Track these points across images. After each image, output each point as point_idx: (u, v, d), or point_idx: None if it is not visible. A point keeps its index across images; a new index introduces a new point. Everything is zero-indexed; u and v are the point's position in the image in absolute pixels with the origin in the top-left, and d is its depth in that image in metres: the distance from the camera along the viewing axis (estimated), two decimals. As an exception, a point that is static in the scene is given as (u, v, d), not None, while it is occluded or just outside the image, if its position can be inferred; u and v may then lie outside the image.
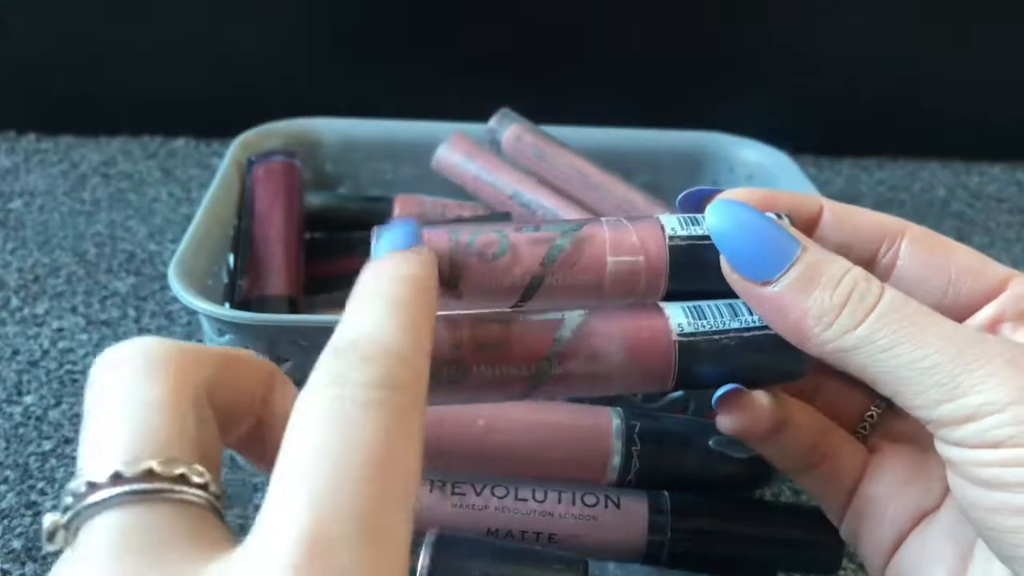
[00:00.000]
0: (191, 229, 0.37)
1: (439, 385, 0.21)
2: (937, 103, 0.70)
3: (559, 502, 0.28)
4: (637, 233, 0.22)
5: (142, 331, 0.46)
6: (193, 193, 0.61)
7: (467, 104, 0.48)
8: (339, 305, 0.49)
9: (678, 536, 0.28)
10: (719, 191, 0.24)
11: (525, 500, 0.28)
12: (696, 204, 0.24)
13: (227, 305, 0.40)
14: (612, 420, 0.30)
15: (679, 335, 0.22)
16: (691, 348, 0.22)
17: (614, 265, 0.22)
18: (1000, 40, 0.67)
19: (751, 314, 0.22)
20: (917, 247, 0.23)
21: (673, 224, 0.23)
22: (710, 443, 0.30)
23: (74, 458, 0.38)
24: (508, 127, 0.47)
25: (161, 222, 0.57)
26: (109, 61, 0.65)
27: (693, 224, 0.23)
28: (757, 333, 0.22)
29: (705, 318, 0.23)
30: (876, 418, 0.25)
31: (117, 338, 0.46)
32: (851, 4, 0.66)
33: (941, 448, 0.20)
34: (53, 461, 0.38)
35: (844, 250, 0.22)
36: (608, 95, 0.65)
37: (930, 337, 0.19)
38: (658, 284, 0.22)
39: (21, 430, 0.40)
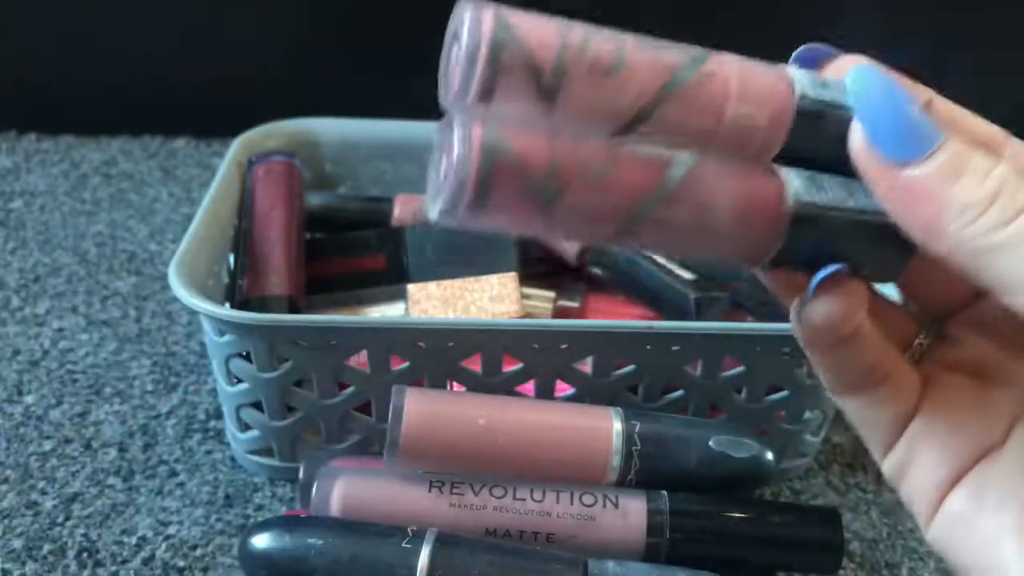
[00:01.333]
0: (191, 229, 0.37)
1: (524, 202, 0.19)
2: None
3: (557, 502, 0.28)
4: (766, 83, 0.20)
5: (142, 331, 0.47)
6: (193, 193, 0.61)
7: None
8: (339, 305, 0.48)
9: (677, 536, 0.28)
10: (838, 53, 0.21)
11: (523, 500, 0.28)
12: (811, 65, 0.22)
13: (227, 305, 0.40)
14: (612, 420, 0.30)
15: (796, 203, 0.20)
16: (804, 219, 0.20)
17: (735, 114, 0.20)
18: (1000, 40, 0.67)
19: (867, 197, 0.20)
20: (1016, 161, 0.21)
21: (804, 82, 0.20)
22: (710, 443, 0.30)
23: (74, 458, 0.38)
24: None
25: (161, 222, 0.57)
26: (110, 61, 0.65)
27: (824, 87, 0.20)
28: (872, 219, 0.20)
29: (824, 191, 0.20)
30: (924, 347, 0.24)
31: (118, 338, 0.46)
32: (851, 4, 0.66)
33: None
34: (53, 461, 0.38)
35: None
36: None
37: None
38: (774, 143, 0.20)
39: (21, 430, 0.40)
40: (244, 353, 0.34)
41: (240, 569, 0.28)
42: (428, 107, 0.57)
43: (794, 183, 0.20)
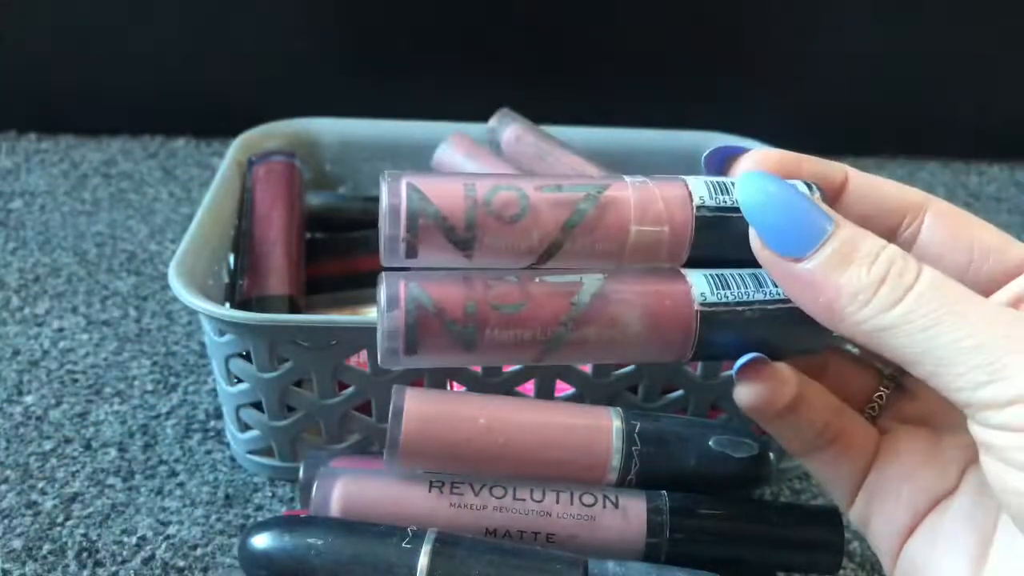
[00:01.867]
0: (191, 229, 0.37)
1: (450, 346, 0.21)
2: (937, 103, 0.70)
3: (557, 502, 0.28)
4: (663, 200, 0.21)
5: (142, 331, 0.47)
6: (193, 193, 0.61)
7: (467, 104, 0.48)
8: (339, 305, 0.48)
9: (677, 536, 0.28)
10: (744, 150, 0.23)
11: (523, 500, 0.28)
12: (720, 164, 0.23)
13: (227, 305, 0.40)
14: (612, 420, 0.30)
15: (701, 305, 0.21)
16: (713, 318, 0.21)
17: (637, 234, 0.21)
18: (1000, 40, 0.67)
19: (775, 285, 0.22)
20: (940, 222, 0.22)
21: (701, 191, 0.22)
22: (710, 443, 0.30)
23: (74, 458, 0.38)
24: (508, 127, 0.47)
25: (161, 222, 0.57)
26: (109, 61, 0.65)
27: (722, 192, 0.22)
28: (781, 306, 0.21)
29: (729, 288, 0.22)
30: (885, 400, 0.25)
31: (117, 338, 0.46)
32: (851, 4, 0.66)
33: (979, 432, 0.19)
34: (53, 461, 0.38)
35: (865, 222, 0.21)
36: (608, 95, 0.65)
37: (972, 317, 0.18)
38: (680, 252, 0.22)
39: (21, 430, 0.40)
40: (244, 353, 0.34)
41: (240, 569, 0.28)
42: (428, 107, 0.58)
43: (700, 285, 0.22)
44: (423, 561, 0.25)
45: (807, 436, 0.24)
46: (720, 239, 0.21)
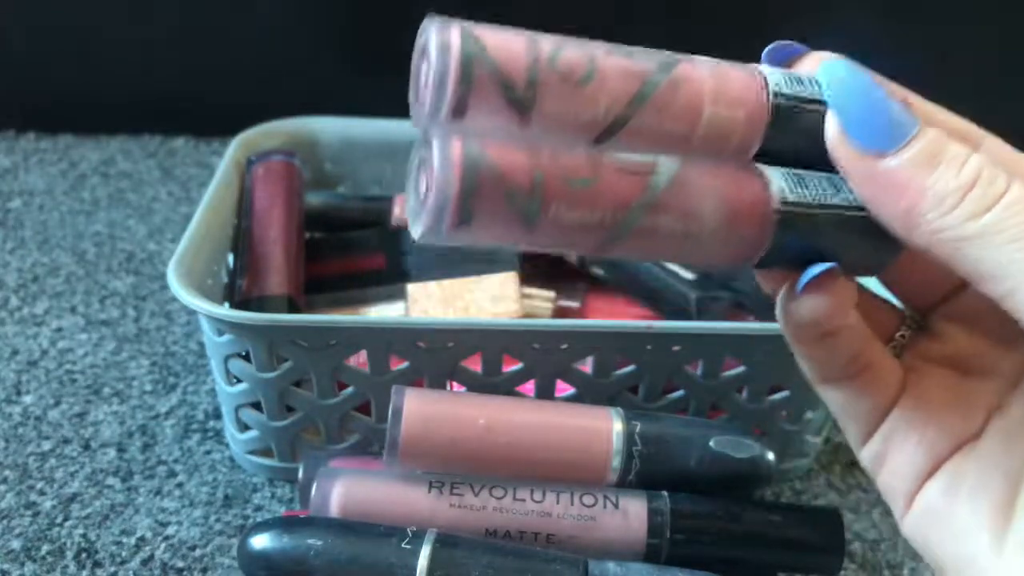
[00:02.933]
0: (190, 229, 0.37)
1: (507, 220, 0.18)
2: (938, 102, 0.70)
3: (557, 502, 0.28)
4: (739, 83, 0.20)
5: (141, 331, 0.46)
6: (193, 193, 0.61)
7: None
8: (339, 305, 0.48)
9: (677, 537, 0.28)
10: (808, 50, 0.21)
11: (523, 500, 0.28)
12: (782, 61, 0.22)
13: (227, 305, 0.40)
14: (612, 421, 0.30)
15: (782, 203, 0.20)
16: (791, 219, 0.20)
17: (711, 116, 0.19)
18: (999, 40, 0.67)
19: (851, 192, 0.20)
20: (994, 157, 0.21)
21: (777, 79, 0.20)
22: (710, 443, 0.30)
23: (73, 458, 0.38)
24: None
25: (160, 222, 0.57)
26: (109, 61, 0.65)
27: (797, 83, 0.20)
28: (858, 214, 0.20)
29: (807, 188, 0.20)
30: (906, 339, 0.24)
31: (116, 338, 0.46)
32: (850, 4, 0.66)
33: None
34: (52, 461, 0.38)
35: None
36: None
37: None
38: (751, 143, 0.20)
39: (20, 430, 0.40)
40: (243, 353, 0.34)
41: (239, 570, 0.27)
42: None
43: (779, 182, 0.20)
44: (423, 562, 0.25)
45: (839, 363, 0.23)
46: (792, 133, 0.20)
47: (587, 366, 0.34)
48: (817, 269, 0.21)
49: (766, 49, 0.21)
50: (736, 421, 0.36)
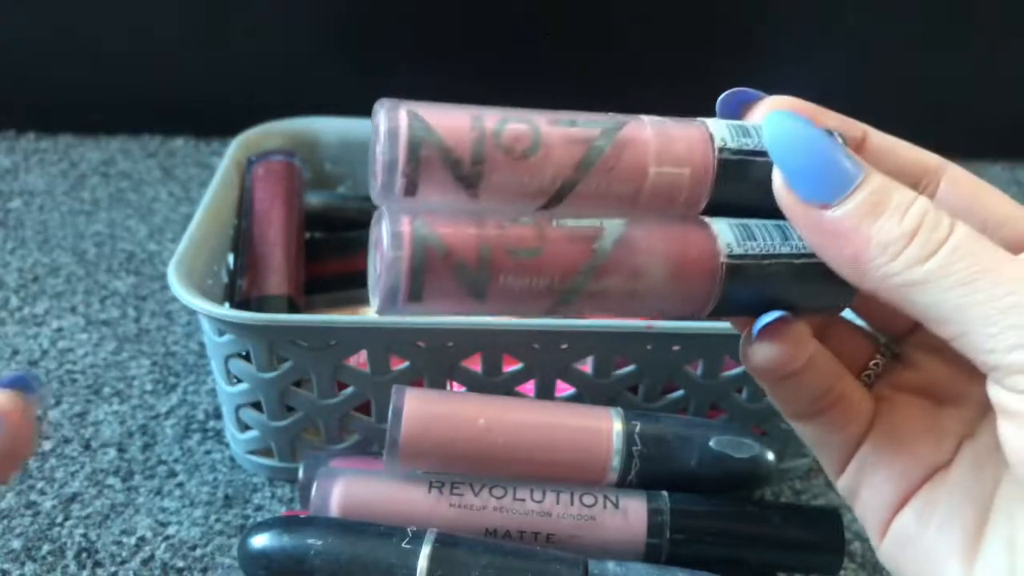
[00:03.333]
0: (191, 229, 0.37)
1: (457, 293, 0.19)
2: (937, 103, 0.70)
3: (557, 502, 0.28)
4: (684, 140, 0.20)
5: (141, 331, 0.46)
6: (193, 193, 0.61)
7: (466, 104, 0.48)
8: (339, 305, 0.48)
9: (677, 537, 0.28)
10: (762, 96, 0.22)
11: (523, 500, 0.28)
12: (735, 109, 0.22)
13: (227, 305, 0.40)
14: (613, 421, 0.30)
15: (728, 256, 0.20)
16: (738, 271, 0.20)
17: (656, 176, 0.20)
18: (999, 40, 0.67)
19: (801, 239, 0.20)
20: (955, 188, 0.21)
21: (723, 133, 0.20)
22: (710, 443, 0.30)
23: (73, 458, 0.38)
24: (508, 127, 0.47)
25: (161, 222, 0.57)
26: (109, 61, 0.65)
27: (743, 135, 0.20)
28: (807, 261, 0.20)
29: (755, 239, 0.20)
30: (880, 368, 0.24)
31: (116, 338, 0.46)
32: (851, 4, 0.66)
33: (1003, 397, 0.18)
34: (53, 461, 0.38)
35: None
36: (607, 94, 0.65)
37: (1008, 274, 0.17)
38: (700, 198, 0.20)
39: (20, 430, 0.40)
40: (243, 353, 0.34)
41: (239, 569, 0.27)
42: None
43: (726, 236, 0.20)
44: (423, 561, 0.25)
45: (807, 399, 0.23)
46: (740, 186, 0.20)
47: (587, 366, 0.34)
48: (768, 318, 0.21)
49: (719, 98, 0.22)
50: (736, 421, 0.36)
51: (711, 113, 0.22)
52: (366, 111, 0.58)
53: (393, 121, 0.19)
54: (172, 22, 0.64)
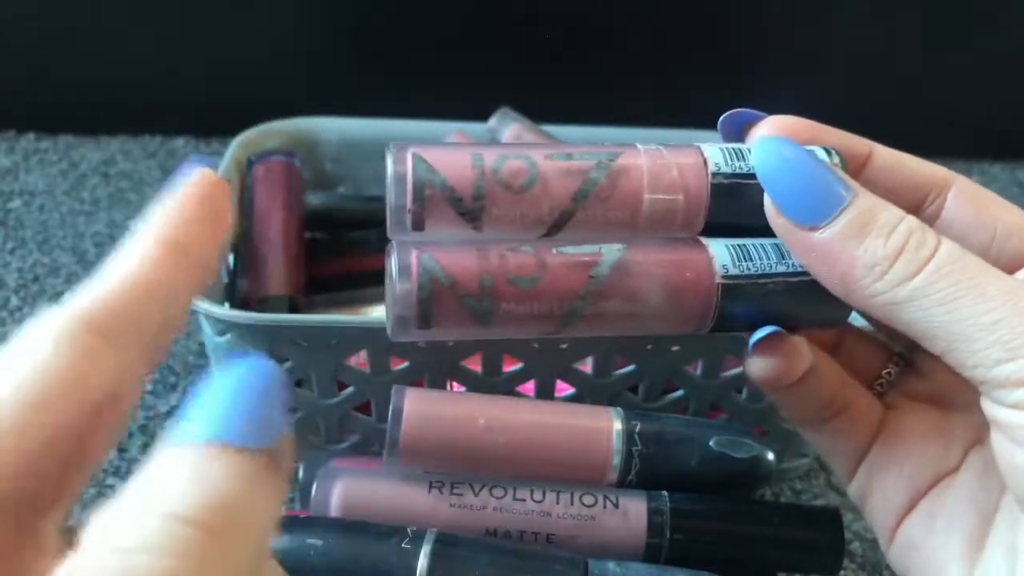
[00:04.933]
0: (191, 229, 0.37)
1: (463, 320, 0.21)
2: (937, 103, 0.70)
3: (557, 502, 0.28)
4: (677, 167, 0.21)
5: (142, 331, 0.46)
6: (193, 193, 0.61)
7: (467, 104, 0.48)
8: (339, 305, 0.48)
9: (677, 537, 0.28)
10: (763, 117, 0.22)
11: (523, 500, 0.28)
12: (736, 129, 0.22)
13: (227, 305, 0.40)
14: (612, 421, 0.30)
15: (723, 277, 0.21)
16: (734, 291, 0.21)
17: (651, 203, 0.21)
18: (1000, 40, 0.67)
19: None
20: (963, 200, 0.22)
21: (717, 158, 0.21)
22: (710, 443, 0.30)
23: (73, 458, 0.38)
24: (508, 127, 0.47)
25: (161, 222, 0.57)
26: (109, 61, 0.65)
27: (738, 158, 0.21)
28: (803, 279, 0.21)
29: (751, 259, 0.21)
30: (893, 376, 0.24)
31: (116, 338, 0.46)
32: (851, 4, 0.66)
33: (992, 410, 0.19)
34: (52, 461, 0.38)
35: (889, 198, 0.20)
36: (608, 95, 0.65)
37: (992, 291, 0.18)
38: (696, 221, 0.21)
39: (20, 430, 0.40)
40: (243, 353, 0.34)
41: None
42: (428, 107, 0.58)
43: (721, 257, 0.21)
44: (423, 561, 0.25)
45: (813, 407, 0.24)
46: (736, 207, 0.21)
47: (587, 366, 0.34)
48: (760, 333, 0.22)
49: (720, 119, 0.22)
50: (736, 421, 0.36)
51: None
52: (366, 111, 0.58)
53: (399, 164, 0.21)
54: (172, 22, 0.64)
